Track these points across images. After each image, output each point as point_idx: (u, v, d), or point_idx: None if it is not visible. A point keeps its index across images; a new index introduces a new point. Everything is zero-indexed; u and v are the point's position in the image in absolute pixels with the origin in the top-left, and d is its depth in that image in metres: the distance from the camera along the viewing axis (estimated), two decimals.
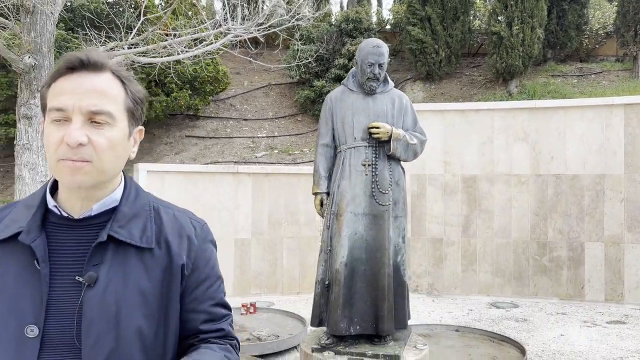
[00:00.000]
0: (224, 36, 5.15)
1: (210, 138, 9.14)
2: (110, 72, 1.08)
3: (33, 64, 4.26)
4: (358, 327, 3.13)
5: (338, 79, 9.74)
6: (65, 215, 1.10)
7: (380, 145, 3.26)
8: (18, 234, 1.05)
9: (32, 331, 1.02)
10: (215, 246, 1.25)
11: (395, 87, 10.35)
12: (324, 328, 3.30)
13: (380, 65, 3.27)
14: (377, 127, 3.21)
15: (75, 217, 1.10)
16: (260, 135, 9.38)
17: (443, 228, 7.67)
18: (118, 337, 1.05)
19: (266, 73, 10.92)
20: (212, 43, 5.34)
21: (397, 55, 11.99)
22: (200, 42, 5.14)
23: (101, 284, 1.05)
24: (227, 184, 7.31)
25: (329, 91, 9.24)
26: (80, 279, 1.04)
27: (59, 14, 4.73)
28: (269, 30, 5.94)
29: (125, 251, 1.09)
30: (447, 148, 7.68)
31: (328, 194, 3.34)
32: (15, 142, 4.47)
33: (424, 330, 5.34)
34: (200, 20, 5.40)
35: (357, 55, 3.37)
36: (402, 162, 3.41)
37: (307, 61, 7.99)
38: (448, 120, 7.71)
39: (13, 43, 4.27)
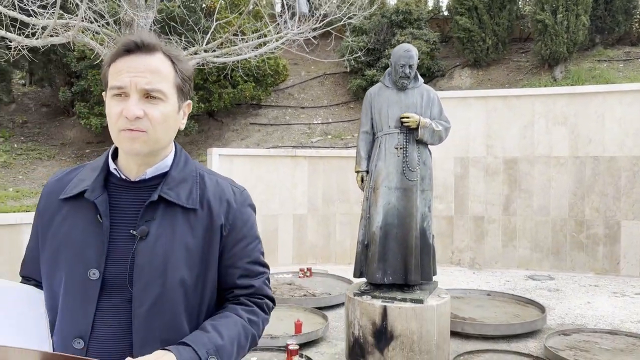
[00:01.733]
0: (283, 37, 5.94)
1: (271, 125, 10.00)
2: (162, 53, 1.18)
3: None
4: (391, 278, 3.85)
5: (388, 68, 10.29)
6: (124, 177, 1.22)
7: (410, 132, 3.91)
8: (84, 192, 1.19)
9: (94, 274, 1.15)
10: (254, 210, 1.35)
11: (444, 73, 10.69)
12: (364, 279, 4.06)
13: (410, 66, 3.91)
14: (408, 117, 3.87)
15: (132, 179, 1.22)
16: (316, 122, 10.13)
17: (484, 207, 8.16)
18: (164, 284, 1.16)
19: (321, 63, 11.57)
20: (274, 42, 6.14)
21: (448, 42, 12.29)
22: (265, 43, 5.96)
23: (152, 238, 1.17)
24: (286, 166, 8.16)
25: (379, 80, 9.87)
26: (134, 232, 1.17)
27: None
28: (322, 29, 6.66)
29: (174, 210, 1.20)
30: (489, 132, 8.13)
31: (367, 171, 4.06)
32: None
33: (459, 293, 5.95)
34: (264, 24, 6.20)
35: (391, 58, 4.04)
36: (429, 145, 4.07)
37: (356, 55, 8.63)
38: (491, 106, 8.15)
39: None
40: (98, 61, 6.13)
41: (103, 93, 1.22)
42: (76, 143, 10.59)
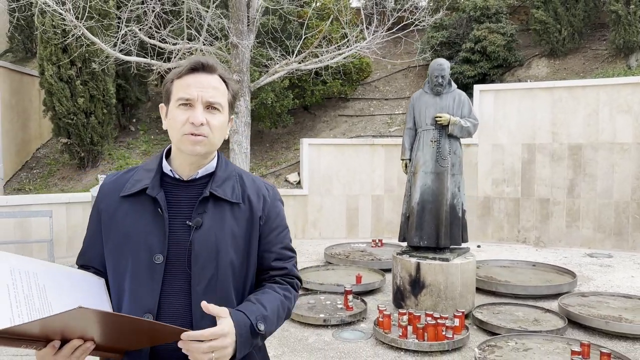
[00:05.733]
0: (355, 48, 7.05)
1: (357, 116, 11.09)
2: (218, 75, 1.35)
3: (238, 80, 6.67)
4: (425, 242, 4.87)
5: (466, 61, 10.85)
6: (177, 177, 1.37)
7: (442, 128, 4.87)
8: (145, 189, 1.33)
9: (159, 259, 1.29)
10: (283, 204, 1.49)
11: (522, 63, 11.00)
12: (405, 243, 5.13)
13: (442, 77, 4.84)
14: (440, 116, 4.83)
15: (185, 179, 1.36)
16: (397, 113, 11.07)
17: (550, 190, 8.63)
18: (217, 266, 1.31)
19: (407, 55, 12.32)
20: (350, 51, 7.26)
21: (529, 32, 12.44)
22: (341, 54, 7.12)
23: (205, 227, 1.31)
24: (365, 153, 9.27)
25: (458, 71, 10.51)
26: (190, 223, 1.31)
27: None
28: (394, 35, 7.64)
29: (221, 205, 1.35)
30: (555, 120, 8.55)
31: (410, 159, 5.09)
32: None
33: (506, 263, 6.68)
34: (343, 35, 7.32)
35: (428, 70, 5.00)
36: (460, 139, 4.99)
37: (424, 56, 9.42)
38: (556, 96, 8.55)
39: (229, 67, 6.74)
40: None
41: (161, 105, 1.41)
42: None
